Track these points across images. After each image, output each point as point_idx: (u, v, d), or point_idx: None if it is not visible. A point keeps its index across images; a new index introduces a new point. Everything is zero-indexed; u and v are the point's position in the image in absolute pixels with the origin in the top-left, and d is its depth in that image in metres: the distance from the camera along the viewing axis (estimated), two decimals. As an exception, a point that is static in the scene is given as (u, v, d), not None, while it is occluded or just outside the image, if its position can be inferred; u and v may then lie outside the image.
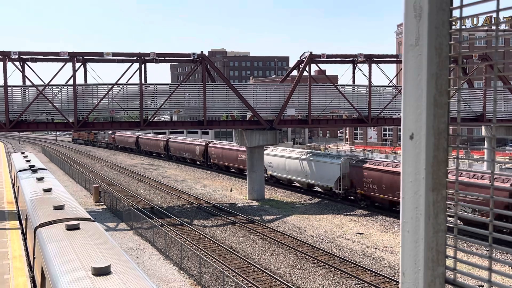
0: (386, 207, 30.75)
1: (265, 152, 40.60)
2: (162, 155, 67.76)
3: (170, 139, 64.68)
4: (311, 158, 36.70)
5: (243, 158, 43.85)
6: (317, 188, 38.23)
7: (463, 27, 1.72)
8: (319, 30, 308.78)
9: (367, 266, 20.85)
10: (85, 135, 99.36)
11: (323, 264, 21.05)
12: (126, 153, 78.92)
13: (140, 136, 74.09)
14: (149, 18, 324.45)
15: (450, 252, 1.77)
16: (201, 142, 56.80)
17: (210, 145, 53.92)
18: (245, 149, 44.49)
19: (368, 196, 31.81)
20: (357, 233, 26.59)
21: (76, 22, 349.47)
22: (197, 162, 57.92)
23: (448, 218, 1.77)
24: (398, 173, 28.02)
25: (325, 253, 22.59)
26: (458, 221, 1.72)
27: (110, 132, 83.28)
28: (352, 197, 33.93)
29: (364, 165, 31.75)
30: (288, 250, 23.28)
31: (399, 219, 29.32)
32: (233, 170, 50.05)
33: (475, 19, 59.08)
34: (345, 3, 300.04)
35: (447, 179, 1.72)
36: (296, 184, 39.53)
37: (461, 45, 1.70)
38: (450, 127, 1.76)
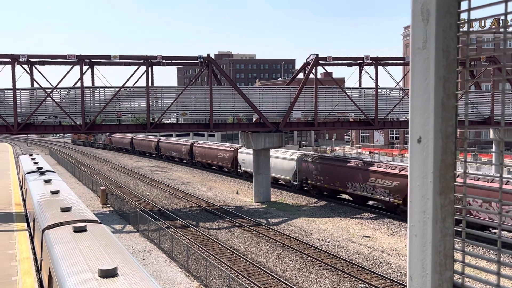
0: (330, 195, 37.37)
1: (239, 151, 48.01)
2: (153, 155, 74.25)
3: (160, 140, 70.64)
4: (275, 155, 41.56)
5: (222, 156, 51.73)
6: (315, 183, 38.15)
7: (471, 29, 1.71)
8: (325, 32, 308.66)
9: (374, 269, 20.75)
10: (84, 137, 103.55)
11: (329, 267, 20.98)
12: (133, 155, 79.32)
13: (134, 138, 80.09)
14: (155, 21, 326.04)
15: (458, 256, 1.76)
16: (187, 142, 62.42)
17: (194, 144, 59.40)
18: (225, 148, 54.08)
19: (316, 186, 37.35)
20: (363, 236, 26.48)
21: (83, 25, 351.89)
22: (184, 161, 63.54)
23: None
24: (338, 166, 34.81)
25: (331, 256, 22.52)
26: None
27: (107, 133, 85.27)
28: (305, 188, 39.63)
29: (313, 160, 37.81)
30: (294, 253, 23.22)
31: (401, 221, 29.30)
32: (214, 167, 55.40)
33: (482, 21, 58.81)
34: (351, 5, 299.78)
35: (455, 183, 1.71)
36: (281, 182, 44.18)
37: (468, 48, 1.70)
38: (458, 130, 1.75)
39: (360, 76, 37.82)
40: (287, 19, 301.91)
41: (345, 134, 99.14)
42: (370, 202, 34.31)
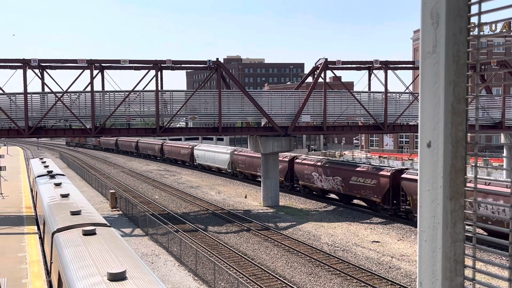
0: (250, 178, 49.70)
1: (195, 148, 61.63)
2: (134, 153, 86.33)
3: (139, 141, 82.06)
4: (216, 150, 56.03)
5: (184, 152, 65.12)
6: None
7: (481, 33, 1.70)
8: (334, 37, 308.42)
9: (383, 274, 20.59)
10: (76, 139, 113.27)
11: (338, 272, 20.86)
12: (141, 159, 79.78)
13: (118, 139, 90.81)
14: (164, 26, 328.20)
15: (468, 262, 1.74)
16: (158, 142, 75.13)
17: (164, 144, 72.43)
18: (186, 145, 65.88)
19: (241, 172, 50.73)
20: (373, 241, 26.30)
21: (94, 30, 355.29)
22: (158, 158, 75.36)
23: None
24: (254, 157, 46.45)
25: (340, 261, 22.39)
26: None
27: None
28: (236, 173, 52.24)
29: (238, 153, 51.36)
30: (303, 258, 23.13)
31: (407, 224, 29.08)
32: (179, 162, 68.13)
33: (493, 25, 58.35)
34: (360, 9, 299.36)
35: (465, 188, 1.69)
36: (215, 169, 57.30)
37: (479, 52, 1.69)
38: (468, 135, 1.73)
39: (369, 80, 37.69)
40: (296, 24, 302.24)
41: (354, 138, 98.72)
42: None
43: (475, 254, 1.69)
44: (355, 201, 36.75)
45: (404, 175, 30.09)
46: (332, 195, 38.82)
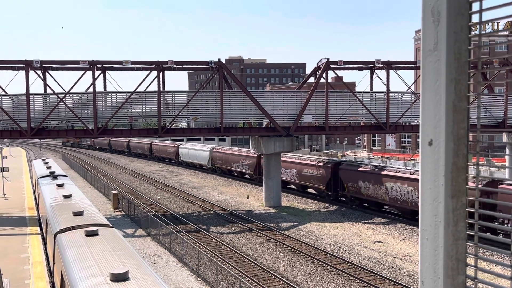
0: (227, 173, 54.42)
1: (179, 146, 67.16)
2: (125, 152, 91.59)
3: (130, 140, 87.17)
4: (198, 148, 61.41)
5: (170, 151, 70.63)
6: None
7: (483, 32, 1.69)
8: (336, 37, 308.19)
9: (386, 275, 20.56)
10: (72, 139, 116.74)
11: (340, 272, 20.84)
12: (143, 160, 79.86)
13: (111, 139, 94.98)
14: (166, 27, 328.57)
15: (470, 261, 1.74)
16: (147, 142, 79.62)
17: (153, 143, 77.74)
18: (172, 144, 70.95)
19: (219, 167, 55.58)
20: (375, 241, 26.27)
21: (95, 31, 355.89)
22: (147, 156, 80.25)
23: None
24: (229, 154, 52.64)
25: (342, 261, 22.37)
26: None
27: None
28: (214, 169, 56.84)
29: (216, 150, 56.38)
30: (305, 258, 23.11)
31: (409, 224, 29.04)
32: (166, 160, 73.43)
33: (495, 24, 58.25)
34: (362, 10, 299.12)
35: (467, 186, 1.69)
36: (197, 165, 62.51)
37: (480, 50, 1.68)
38: (470, 134, 1.73)
39: (371, 80, 37.66)
40: (297, 24, 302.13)
41: (356, 139, 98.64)
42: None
43: (477, 252, 1.69)
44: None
45: (341, 167, 36.02)
46: (291, 186, 43.75)
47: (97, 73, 32.75)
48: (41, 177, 28.73)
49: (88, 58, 31.72)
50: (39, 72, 32.70)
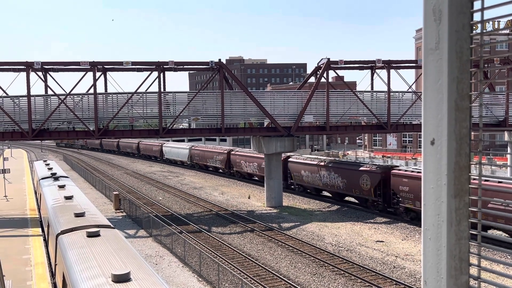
0: (203, 167, 60.70)
1: (163, 145, 72.94)
2: (115, 152, 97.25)
3: (120, 140, 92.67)
4: (179, 147, 67.84)
5: (155, 149, 76.71)
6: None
7: (484, 30, 1.69)
8: (336, 36, 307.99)
9: (388, 274, 20.54)
10: (66, 140, 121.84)
11: (342, 272, 20.82)
12: (145, 160, 79.96)
13: (102, 140, 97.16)
14: (166, 28, 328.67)
15: (473, 260, 1.73)
16: (135, 141, 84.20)
17: (140, 142, 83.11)
18: (157, 143, 76.61)
19: (197, 163, 61.85)
20: (377, 241, 26.25)
21: (95, 33, 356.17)
22: (135, 155, 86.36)
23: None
24: (205, 151, 59.00)
25: (344, 261, 22.35)
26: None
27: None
28: (193, 165, 62.96)
29: (195, 148, 62.93)
30: (307, 258, 23.10)
31: (411, 224, 28.99)
32: (152, 158, 79.24)
33: (496, 22, 58.13)
34: (362, 9, 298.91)
35: (470, 185, 1.68)
36: (179, 162, 68.56)
37: (482, 49, 1.67)
38: (472, 133, 1.72)
39: (372, 79, 37.62)
40: (298, 24, 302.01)
41: (357, 138, 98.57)
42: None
43: (480, 252, 1.68)
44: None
45: (289, 159, 41.83)
46: (256, 178, 48.77)
47: (98, 74, 32.77)
48: (42, 179, 28.75)
49: (89, 59, 31.61)
50: (40, 73, 32.72)
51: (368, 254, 23.70)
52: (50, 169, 33.86)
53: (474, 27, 1.73)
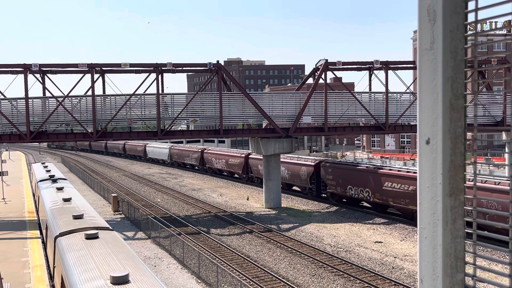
0: (181, 165, 67.11)
1: (147, 145, 77.87)
2: (103, 152, 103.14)
3: (108, 142, 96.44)
4: (160, 146, 73.36)
5: (139, 149, 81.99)
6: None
7: (480, 30, 1.70)
8: (334, 37, 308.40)
9: (387, 275, 20.55)
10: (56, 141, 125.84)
11: (341, 273, 20.83)
12: (141, 162, 79.92)
13: (91, 142, 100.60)
14: (164, 29, 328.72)
15: (469, 258, 1.74)
16: (121, 142, 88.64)
17: (126, 143, 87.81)
18: (141, 144, 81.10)
19: (176, 161, 67.97)
20: (375, 242, 26.27)
21: (93, 34, 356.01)
22: (122, 155, 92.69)
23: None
24: (182, 150, 65.54)
25: (343, 262, 22.36)
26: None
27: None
28: (173, 163, 68.99)
29: (174, 148, 68.63)
30: (305, 259, 23.10)
31: (410, 224, 28.99)
32: (137, 157, 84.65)
33: (493, 22, 58.30)
34: (360, 11, 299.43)
35: (465, 184, 1.69)
36: (159, 160, 74.95)
37: (476, 49, 1.69)
38: (469, 133, 1.73)
39: (370, 80, 37.69)
40: (296, 25, 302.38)
41: (355, 139, 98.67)
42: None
43: (475, 250, 1.69)
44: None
45: (250, 156, 47.81)
46: (224, 173, 55.99)
47: (96, 76, 32.75)
48: (40, 181, 28.70)
49: (87, 61, 31.67)
50: (37, 75, 32.70)
51: (367, 255, 23.72)
52: (48, 171, 33.81)
53: (470, 27, 1.75)
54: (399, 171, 31.16)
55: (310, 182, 39.11)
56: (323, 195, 38.45)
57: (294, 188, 43.38)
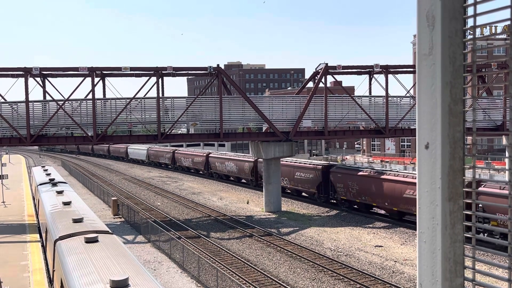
0: (157, 164, 76.33)
1: (128, 147, 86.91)
2: (90, 154, 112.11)
3: (95, 147, 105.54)
4: (139, 148, 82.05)
5: (122, 151, 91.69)
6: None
7: (480, 35, 1.71)
8: (334, 41, 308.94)
9: (387, 279, 20.51)
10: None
11: (341, 277, 20.79)
12: (140, 165, 79.93)
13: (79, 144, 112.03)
14: (164, 33, 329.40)
15: (468, 263, 1.74)
16: (105, 146, 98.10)
17: (110, 145, 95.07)
18: (123, 146, 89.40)
19: (152, 161, 76.93)
20: (376, 246, 26.22)
21: (93, 38, 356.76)
22: (106, 156, 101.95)
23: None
24: (158, 151, 74.71)
25: (343, 266, 22.32)
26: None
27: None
28: (150, 163, 78.67)
29: (151, 149, 77.54)
30: (306, 263, 23.06)
31: (410, 228, 28.97)
32: (120, 158, 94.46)
33: (493, 27, 58.45)
34: (360, 15, 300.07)
35: (464, 189, 1.70)
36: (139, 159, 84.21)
37: (475, 54, 1.70)
38: (469, 138, 1.74)
39: (370, 84, 37.72)
40: (296, 29, 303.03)
41: (355, 143, 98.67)
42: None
43: (474, 254, 1.70)
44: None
45: (210, 155, 57.96)
46: (192, 170, 64.58)
47: (96, 79, 32.81)
48: (40, 184, 28.68)
49: (87, 65, 31.83)
50: (38, 79, 32.74)
51: (367, 259, 23.68)
52: (48, 174, 33.78)
53: (470, 32, 1.76)
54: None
55: (251, 175, 47.36)
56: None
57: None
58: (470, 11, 1.69)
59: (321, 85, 35.93)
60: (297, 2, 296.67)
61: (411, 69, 38.59)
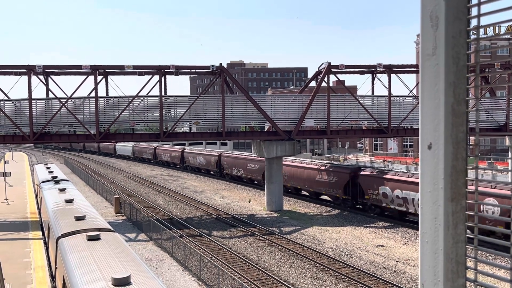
0: (141, 160, 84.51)
1: (116, 144, 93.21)
2: (81, 150, 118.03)
3: (116, 144, 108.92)
4: (126, 145, 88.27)
5: (110, 147, 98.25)
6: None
7: (484, 35, 1.71)
8: (337, 40, 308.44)
9: (389, 279, 20.50)
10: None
11: (343, 276, 20.78)
12: (144, 164, 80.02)
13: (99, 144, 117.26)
14: (167, 32, 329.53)
15: (470, 263, 1.74)
16: (95, 144, 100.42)
17: (100, 143, 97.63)
18: (112, 143, 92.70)
19: (137, 156, 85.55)
20: (377, 246, 26.21)
21: (97, 36, 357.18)
22: (96, 152, 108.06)
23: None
24: (142, 148, 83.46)
25: (345, 265, 22.31)
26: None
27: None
28: (135, 158, 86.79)
29: (135, 145, 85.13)
30: (307, 262, 23.06)
31: (412, 228, 28.93)
32: (109, 154, 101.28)
33: (497, 28, 58.24)
34: (363, 14, 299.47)
35: (466, 189, 1.70)
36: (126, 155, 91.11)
37: (478, 54, 1.69)
38: (471, 137, 1.74)
39: (373, 84, 37.65)
40: (299, 28, 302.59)
41: (358, 143, 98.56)
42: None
43: (476, 255, 1.70)
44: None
45: (185, 151, 65.69)
46: (170, 164, 70.65)
47: (99, 78, 32.85)
48: (43, 182, 28.75)
49: (90, 63, 31.83)
50: (41, 77, 32.81)
51: (368, 259, 23.67)
52: (50, 172, 33.85)
53: (474, 32, 1.76)
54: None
55: (216, 166, 53.23)
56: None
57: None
58: (474, 11, 1.69)
59: (323, 84, 35.89)
60: (299, 2, 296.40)
61: (414, 69, 38.49)
